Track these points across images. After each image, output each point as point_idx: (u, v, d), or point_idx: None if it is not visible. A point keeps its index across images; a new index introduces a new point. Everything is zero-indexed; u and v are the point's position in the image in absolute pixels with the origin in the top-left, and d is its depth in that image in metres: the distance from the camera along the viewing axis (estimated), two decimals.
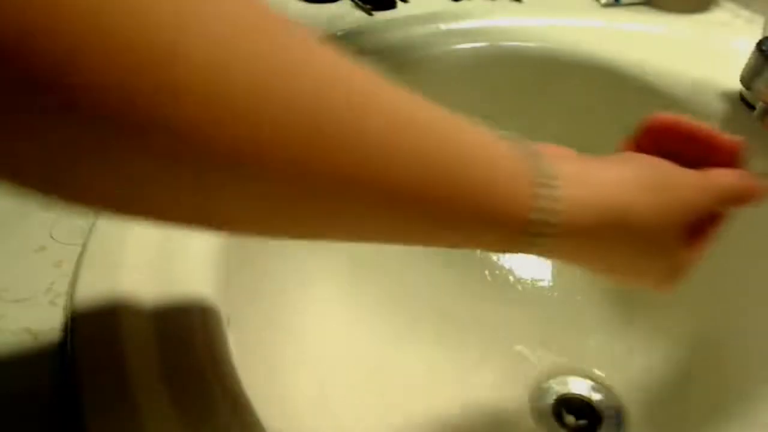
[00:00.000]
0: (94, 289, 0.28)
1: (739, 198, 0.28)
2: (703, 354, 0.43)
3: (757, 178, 0.29)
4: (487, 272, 0.53)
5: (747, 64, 0.43)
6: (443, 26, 0.53)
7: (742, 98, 0.45)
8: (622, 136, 0.50)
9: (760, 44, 0.42)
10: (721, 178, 0.28)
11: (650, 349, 0.46)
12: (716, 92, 0.46)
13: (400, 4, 0.58)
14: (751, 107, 0.44)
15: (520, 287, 0.52)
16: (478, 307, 0.50)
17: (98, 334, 0.26)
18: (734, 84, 0.44)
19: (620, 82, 0.49)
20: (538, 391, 0.45)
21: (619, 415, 0.43)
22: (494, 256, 0.54)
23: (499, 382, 0.45)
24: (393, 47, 0.49)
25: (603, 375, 0.46)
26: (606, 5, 0.58)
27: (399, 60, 0.48)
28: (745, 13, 0.58)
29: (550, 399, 0.45)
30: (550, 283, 0.52)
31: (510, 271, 0.53)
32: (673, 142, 0.29)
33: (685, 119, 0.30)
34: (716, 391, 0.41)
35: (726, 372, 0.41)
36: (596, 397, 0.45)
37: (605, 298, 0.50)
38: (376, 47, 0.49)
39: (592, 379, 0.46)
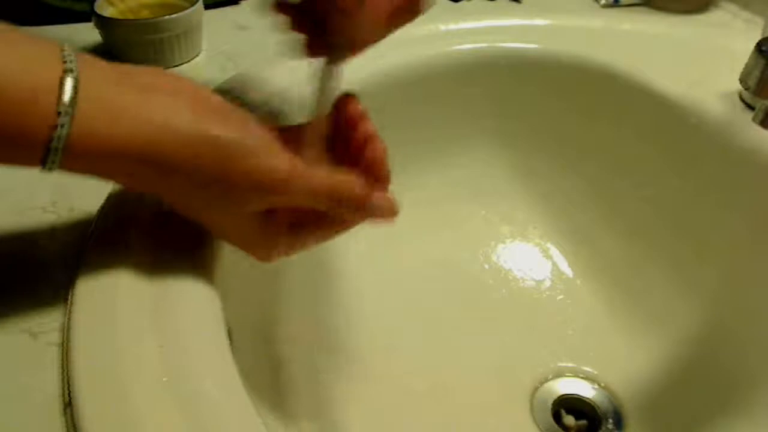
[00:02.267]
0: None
1: (350, 205, 0.28)
2: (703, 354, 0.44)
3: (382, 197, 0.29)
4: (486, 272, 0.53)
5: (746, 65, 0.43)
6: (443, 27, 0.53)
7: (742, 99, 0.45)
8: (622, 136, 0.51)
9: (759, 45, 0.42)
10: (330, 176, 0.28)
11: (650, 350, 0.46)
12: (715, 93, 0.46)
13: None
14: (750, 108, 0.44)
15: (519, 288, 0.52)
16: (478, 307, 0.50)
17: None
18: (733, 85, 0.45)
19: (619, 83, 0.49)
20: (538, 392, 0.45)
21: (618, 416, 0.43)
22: (494, 256, 0.54)
23: (498, 382, 0.45)
24: (393, 47, 0.49)
25: (602, 375, 0.46)
26: (605, 6, 0.58)
27: (399, 60, 0.48)
28: (745, 14, 0.58)
29: (550, 399, 0.45)
30: (551, 284, 0.52)
31: (510, 272, 0.53)
32: (345, 129, 0.30)
33: (355, 111, 0.30)
34: (716, 392, 0.41)
35: (726, 372, 0.41)
36: (595, 397, 0.45)
37: (605, 298, 0.50)
38: (375, 47, 0.49)
39: (591, 380, 0.46)
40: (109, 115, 0.24)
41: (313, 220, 0.30)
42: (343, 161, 0.30)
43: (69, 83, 0.23)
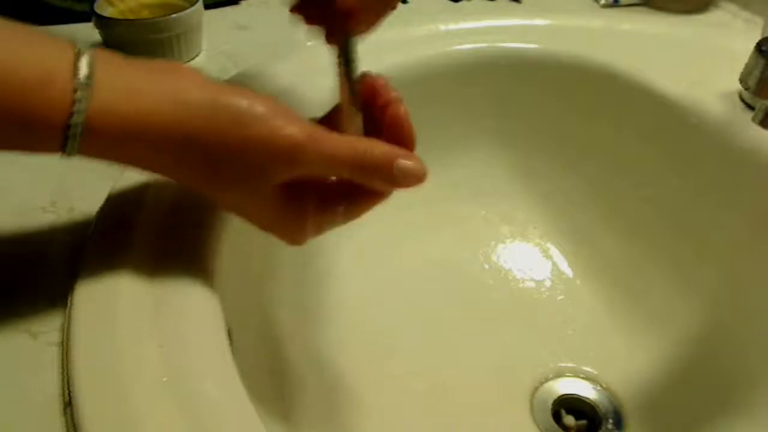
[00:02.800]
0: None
1: (375, 170, 0.27)
2: (703, 354, 0.44)
3: (410, 156, 0.27)
4: (486, 272, 0.53)
5: (746, 65, 0.43)
6: (443, 26, 0.53)
7: (741, 99, 0.45)
8: (622, 136, 0.51)
9: (759, 45, 0.42)
10: (349, 140, 0.27)
11: (650, 350, 0.46)
12: (715, 93, 0.46)
13: (399, 4, 0.58)
14: (750, 108, 0.44)
15: (519, 288, 0.52)
16: (478, 307, 0.50)
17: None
18: (733, 85, 0.45)
19: (619, 83, 0.49)
20: (538, 392, 0.45)
21: (618, 416, 0.43)
22: (494, 256, 0.54)
23: (498, 382, 0.45)
24: (393, 47, 0.49)
25: (602, 375, 0.46)
26: (605, 6, 0.58)
27: (399, 60, 0.48)
28: (744, 14, 0.58)
29: (550, 399, 0.45)
30: (551, 284, 0.52)
31: (510, 272, 0.53)
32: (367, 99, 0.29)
33: (379, 81, 0.29)
34: (716, 392, 0.41)
35: (726, 372, 0.41)
36: (595, 397, 0.45)
37: (605, 298, 0.50)
38: (375, 47, 0.49)
39: (591, 380, 0.46)
40: (125, 92, 0.24)
41: (339, 195, 0.29)
42: (368, 133, 0.29)
43: (84, 61, 0.23)
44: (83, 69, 0.23)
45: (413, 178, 0.27)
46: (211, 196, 0.28)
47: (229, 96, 0.25)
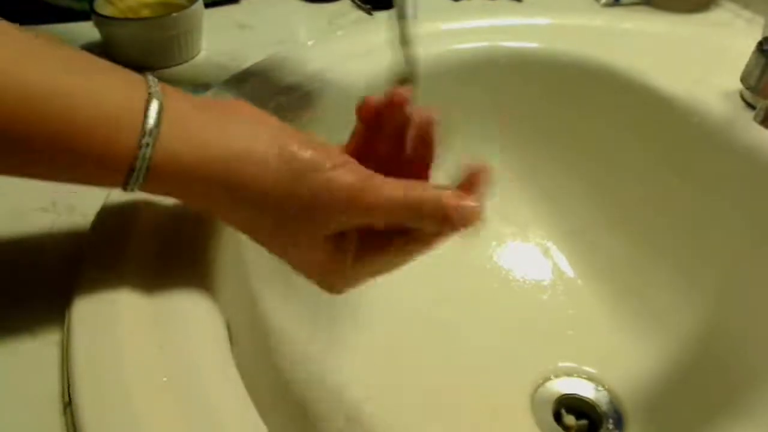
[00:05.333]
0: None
1: (433, 215, 0.27)
2: (704, 354, 0.44)
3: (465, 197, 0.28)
4: (486, 272, 0.53)
5: (747, 64, 0.43)
6: (443, 26, 0.53)
7: (743, 98, 0.45)
8: (622, 135, 0.51)
9: (760, 44, 0.42)
10: (401, 191, 0.26)
11: (650, 349, 0.46)
12: (716, 92, 0.46)
13: None
14: (751, 107, 0.44)
15: (519, 288, 0.52)
16: (478, 308, 0.50)
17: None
18: (734, 84, 0.45)
19: (620, 82, 0.49)
20: (538, 392, 0.45)
21: (618, 416, 0.43)
22: (495, 257, 0.54)
23: (499, 382, 0.45)
24: (392, 47, 0.49)
25: (603, 375, 0.46)
26: (605, 5, 0.58)
27: (399, 60, 0.48)
28: (746, 14, 0.58)
29: (550, 399, 0.45)
30: (551, 284, 0.52)
31: (510, 272, 0.53)
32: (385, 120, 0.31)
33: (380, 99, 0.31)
34: (717, 392, 0.41)
35: (726, 372, 0.41)
36: (596, 397, 0.45)
37: (606, 298, 0.50)
38: (376, 47, 0.49)
39: (592, 380, 0.46)
40: (191, 141, 0.25)
41: (378, 245, 0.29)
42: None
43: (154, 107, 0.24)
44: (152, 114, 0.24)
45: (470, 219, 0.28)
46: (260, 242, 0.28)
47: (297, 146, 0.26)
